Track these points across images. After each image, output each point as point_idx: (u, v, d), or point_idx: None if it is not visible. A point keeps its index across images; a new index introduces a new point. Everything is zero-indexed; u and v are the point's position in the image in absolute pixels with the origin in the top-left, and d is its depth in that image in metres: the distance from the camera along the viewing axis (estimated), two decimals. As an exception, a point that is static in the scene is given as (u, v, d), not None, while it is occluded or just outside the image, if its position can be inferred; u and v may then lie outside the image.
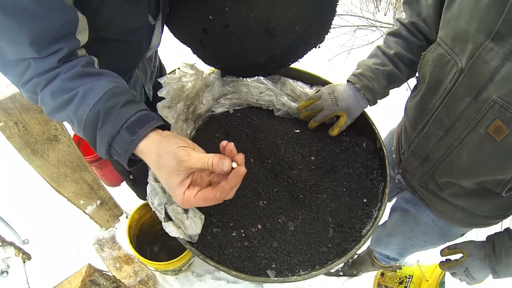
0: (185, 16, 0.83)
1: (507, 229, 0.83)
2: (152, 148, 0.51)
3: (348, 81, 0.91)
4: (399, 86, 0.95)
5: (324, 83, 1.04)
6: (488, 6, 0.62)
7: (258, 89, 1.04)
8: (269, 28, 0.71)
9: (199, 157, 0.50)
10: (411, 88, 0.94)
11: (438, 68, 0.76)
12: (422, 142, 0.87)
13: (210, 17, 0.76)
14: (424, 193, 0.95)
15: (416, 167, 0.92)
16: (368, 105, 0.91)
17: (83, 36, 0.58)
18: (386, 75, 0.88)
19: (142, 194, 1.37)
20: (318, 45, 0.81)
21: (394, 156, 1.09)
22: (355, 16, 3.08)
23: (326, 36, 0.80)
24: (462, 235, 1.03)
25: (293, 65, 0.91)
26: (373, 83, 0.87)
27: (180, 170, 0.50)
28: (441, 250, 0.95)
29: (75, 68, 0.55)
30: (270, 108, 1.07)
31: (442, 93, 0.76)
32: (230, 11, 0.73)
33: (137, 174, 1.28)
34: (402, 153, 0.98)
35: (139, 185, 1.33)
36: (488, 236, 0.86)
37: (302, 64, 0.97)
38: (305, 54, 0.82)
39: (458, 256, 0.92)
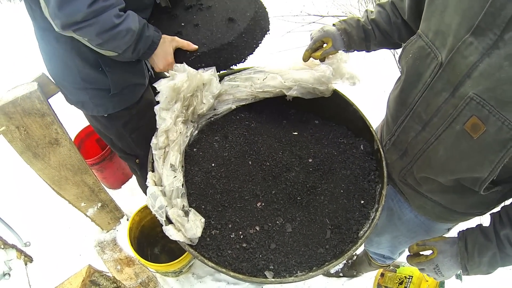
0: (160, 28, 0.97)
1: (480, 226, 0.79)
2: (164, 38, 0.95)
3: (333, 24, 1.02)
4: (371, 49, 1.02)
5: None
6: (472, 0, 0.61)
7: (260, 77, 1.01)
8: (229, 18, 0.98)
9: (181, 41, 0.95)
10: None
11: (418, 61, 0.75)
12: (402, 135, 0.87)
13: (182, 24, 1.02)
14: (403, 187, 0.96)
15: (396, 160, 0.93)
16: (344, 49, 0.99)
17: None
18: (364, 30, 0.97)
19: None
20: (268, 27, 1.03)
21: None
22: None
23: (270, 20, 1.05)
24: (449, 230, 1.01)
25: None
26: (352, 30, 0.97)
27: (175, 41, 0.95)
28: (409, 246, 0.89)
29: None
30: (279, 95, 1.03)
31: (422, 87, 0.75)
32: (197, 18, 1.02)
33: (143, 157, 1.30)
34: (384, 145, 0.99)
35: (146, 167, 1.37)
36: (460, 232, 0.82)
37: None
38: (264, 33, 1.03)
39: (428, 252, 0.88)
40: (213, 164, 0.93)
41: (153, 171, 0.86)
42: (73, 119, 1.61)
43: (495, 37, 0.58)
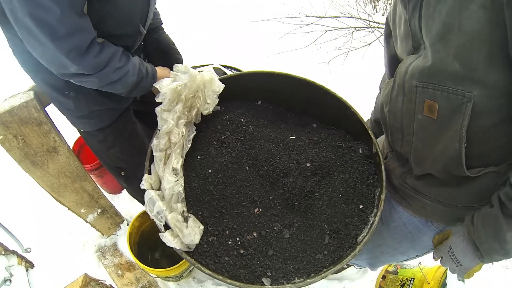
0: None
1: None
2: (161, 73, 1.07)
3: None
4: None
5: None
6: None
7: None
8: None
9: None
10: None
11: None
12: (395, 148, 0.95)
13: None
14: (404, 190, 0.96)
15: (397, 167, 0.96)
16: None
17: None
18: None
19: (135, 189, 1.41)
20: None
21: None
22: (352, 18, 3.09)
23: None
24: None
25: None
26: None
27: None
28: (433, 238, 0.91)
29: (118, 55, 0.89)
30: None
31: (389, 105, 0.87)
32: None
33: (128, 170, 1.32)
34: (385, 158, 1.03)
35: (132, 180, 1.37)
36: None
37: (301, 67, 0.97)
38: None
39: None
40: (210, 170, 0.92)
41: (149, 173, 0.85)
42: (72, 126, 1.61)
43: (422, 51, 0.74)
